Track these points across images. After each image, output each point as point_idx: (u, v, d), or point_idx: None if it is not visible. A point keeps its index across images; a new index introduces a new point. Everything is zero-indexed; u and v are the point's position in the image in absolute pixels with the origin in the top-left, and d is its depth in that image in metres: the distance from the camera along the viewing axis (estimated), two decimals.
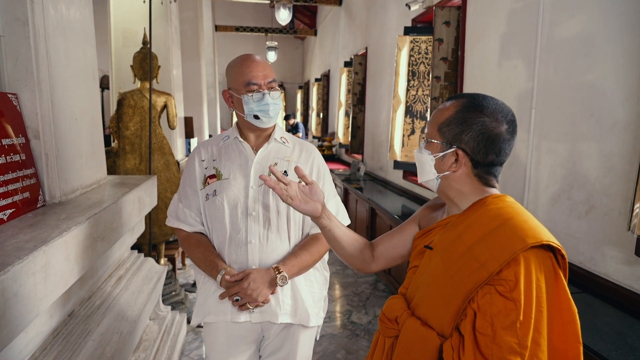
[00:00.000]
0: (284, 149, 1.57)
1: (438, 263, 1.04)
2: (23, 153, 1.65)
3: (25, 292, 1.13)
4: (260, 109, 1.46)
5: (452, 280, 0.99)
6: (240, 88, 1.47)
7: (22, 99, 1.69)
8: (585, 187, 2.14)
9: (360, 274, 4.40)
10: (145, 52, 3.19)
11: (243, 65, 1.48)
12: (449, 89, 3.55)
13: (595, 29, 2.09)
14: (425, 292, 1.06)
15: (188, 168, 1.60)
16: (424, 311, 1.06)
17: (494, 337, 0.90)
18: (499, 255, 0.93)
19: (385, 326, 1.13)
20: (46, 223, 1.48)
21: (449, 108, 1.05)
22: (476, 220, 1.02)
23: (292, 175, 1.51)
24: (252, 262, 1.49)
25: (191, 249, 1.56)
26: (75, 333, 1.66)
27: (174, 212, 1.62)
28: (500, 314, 0.91)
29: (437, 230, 1.12)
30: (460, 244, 1.01)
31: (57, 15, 1.84)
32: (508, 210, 1.01)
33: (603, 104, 2.04)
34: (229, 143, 1.58)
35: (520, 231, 0.95)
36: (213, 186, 1.52)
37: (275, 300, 1.51)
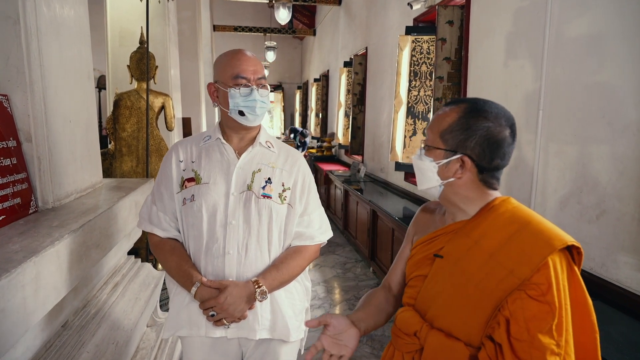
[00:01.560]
0: (268, 154, 1.49)
1: (456, 272, 1.03)
2: (14, 157, 1.58)
3: (14, 307, 1.06)
4: (246, 104, 1.38)
5: (478, 289, 0.98)
6: (228, 81, 1.39)
7: (13, 100, 1.61)
8: (596, 190, 2.08)
9: (361, 277, 4.33)
10: (142, 52, 3.11)
11: (233, 58, 1.41)
12: (452, 90, 3.49)
13: (606, 27, 2.02)
14: (446, 302, 1.04)
15: (164, 168, 1.50)
16: (446, 322, 1.03)
17: (532, 342, 0.90)
18: (528, 261, 0.93)
19: (403, 342, 1.09)
20: (37, 231, 1.41)
21: (449, 114, 1.04)
22: (491, 226, 1.02)
23: (275, 182, 1.44)
24: (229, 274, 1.40)
25: (164, 256, 1.46)
26: (68, 345, 1.59)
27: (146, 215, 1.51)
28: (535, 318, 0.91)
29: (444, 238, 1.10)
30: (479, 252, 1.00)
31: (50, 13, 1.77)
32: (521, 213, 1.02)
33: (614, 105, 1.98)
34: (210, 144, 1.48)
35: (543, 235, 0.95)
36: (191, 190, 1.43)
37: (253, 315, 1.41)
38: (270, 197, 1.41)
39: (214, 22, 10.08)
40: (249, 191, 1.41)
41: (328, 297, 3.85)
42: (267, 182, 1.43)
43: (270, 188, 1.43)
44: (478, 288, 0.98)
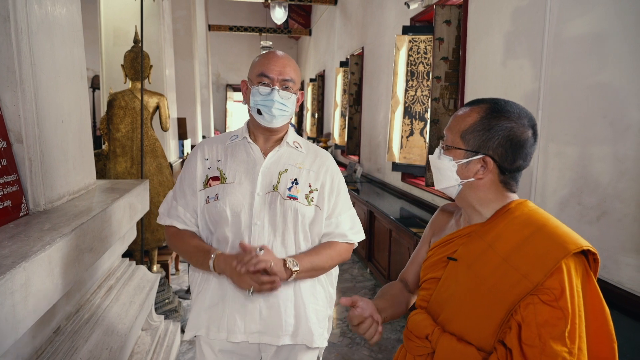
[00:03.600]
0: (295, 155, 1.46)
1: (469, 275, 1.02)
2: (4, 158, 1.54)
3: (2, 315, 1.02)
4: (264, 103, 1.37)
5: (491, 292, 0.96)
6: (254, 79, 1.40)
7: (3, 100, 1.57)
8: (596, 191, 2.06)
9: (358, 278, 4.30)
10: (136, 51, 3.07)
11: (264, 57, 1.42)
12: (449, 90, 3.46)
13: (607, 27, 2.01)
14: (458, 306, 1.03)
15: (189, 166, 1.49)
16: (458, 326, 1.02)
17: (543, 348, 0.88)
18: (542, 265, 0.91)
19: (414, 345, 1.09)
20: (28, 235, 1.37)
21: (470, 114, 1.03)
22: (506, 229, 1.00)
23: (302, 183, 1.41)
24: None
25: (183, 241, 1.44)
26: (61, 351, 1.55)
27: (165, 210, 1.50)
28: (548, 324, 0.89)
29: (459, 240, 1.09)
30: (493, 255, 0.99)
31: (42, 11, 1.73)
32: (537, 216, 1.00)
33: (616, 105, 1.96)
34: (237, 143, 1.47)
35: (558, 238, 0.94)
36: (215, 189, 1.41)
37: (277, 320, 1.40)
38: (297, 199, 1.39)
39: (209, 22, 10.03)
40: (275, 192, 1.38)
41: None
42: (294, 183, 1.41)
43: (297, 189, 1.40)
44: (491, 292, 0.97)
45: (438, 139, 3.54)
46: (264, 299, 1.39)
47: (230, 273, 1.31)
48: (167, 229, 1.50)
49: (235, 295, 1.40)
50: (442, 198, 3.64)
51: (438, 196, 3.73)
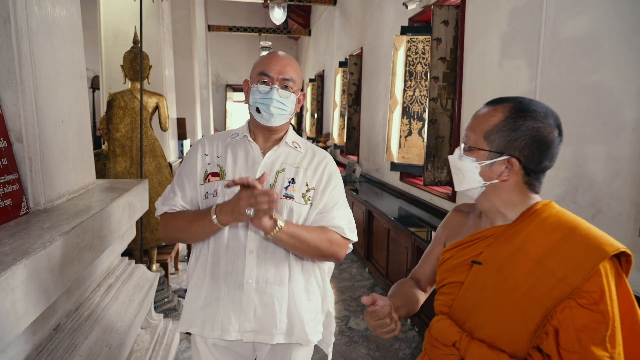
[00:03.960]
0: (294, 154, 1.46)
1: (498, 280, 0.99)
2: (5, 157, 1.56)
3: (3, 311, 1.04)
4: (263, 101, 1.37)
5: (526, 298, 0.94)
6: (254, 77, 1.41)
7: (3, 100, 1.59)
8: (591, 190, 2.08)
9: (357, 277, 4.32)
10: (136, 52, 3.09)
11: (265, 57, 1.43)
12: (447, 90, 3.48)
13: (601, 28, 2.03)
14: (488, 312, 1.00)
15: (189, 160, 1.49)
16: (489, 332, 0.99)
17: (584, 354, 0.87)
18: (580, 268, 0.90)
19: (440, 352, 1.05)
20: (28, 233, 1.39)
21: (494, 114, 1.00)
22: (536, 232, 0.98)
23: (299, 182, 1.41)
24: (248, 274, 1.38)
25: (178, 216, 1.42)
26: (61, 348, 1.57)
27: (162, 200, 1.49)
28: (587, 329, 0.87)
29: (482, 243, 1.05)
30: (524, 258, 0.96)
31: (42, 12, 1.74)
32: (567, 218, 0.98)
33: (610, 105, 1.98)
34: (237, 141, 1.48)
35: (594, 240, 0.92)
36: (214, 185, 1.42)
37: (270, 319, 1.40)
38: (293, 198, 1.39)
39: (209, 22, 10.05)
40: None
41: None
42: (291, 182, 1.41)
43: (293, 188, 1.41)
44: (526, 297, 0.94)
45: (436, 139, 3.56)
46: (259, 297, 1.39)
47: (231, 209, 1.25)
48: (162, 218, 1.47)
49: (229, 294, 1.39)
50: (441, 197, 3.66)
51: (436, 196, 3.75)
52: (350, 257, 4.97)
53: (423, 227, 3.37)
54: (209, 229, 1.34)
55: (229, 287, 1.39)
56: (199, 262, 1.46)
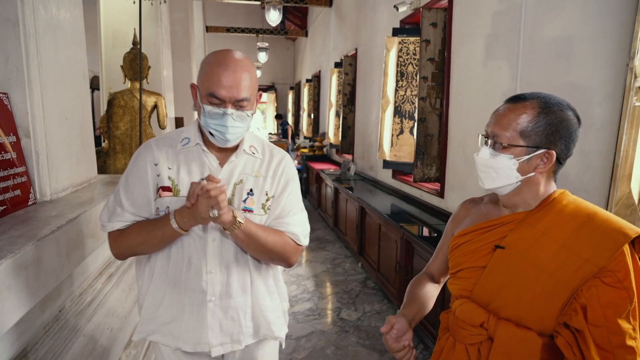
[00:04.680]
0: (252, 162, 1.35)
1: (524, 263, 1.04)
2: (14, 151, 1.68)
3: (18, 285, 1.16)
4: (216, 128, 1.23)
5: (553, 278, 1.00)
6: (203, 94, 1.22)
7: (12, 98, 1.71)
8: (565, 184, 2.20)
9: (350, 272, 4.44)
10: (135, 53, 3.21)
11: (215, 66, 1.21)
12: (436, 89, 3.61)
13: (575, 30, 2.15)
14: (515, 293, 1.05)
15: (137, 169, 1.30)
16: (515, 312, 1.05)
17: (610, 327, 0.94)
18: (605, 249, 0.96)
19: (467, 333, 1.11)
20: (37, 219, 1.51)
21: (524, 111, 1.05)
22: (558, 217, 1.04)
23: (257, 193, 1.32)
24: (212, 292, 1.31)
25: (132, 229, 1.28)
26: (66, 328, 1.68)
27: (107, 217, 1.31)
28: (613, 305, 0.94)
29: (503, 228, 1.11)
30: (549, 242, 1.03)
31: (47, 15, 1.86)
32: (585, 204, 1.06)
33: (582, 103, 2.10)
34: (190, 150, 1.32)
35: (615, 224, 0.99)
36: (166, 201, 1.27)
37: (237, 328, 1.36)
38: (252, 211, 1.31)
39: (207, 23, 10.16)
40: (229, 206, 1.25)
41: (317, 290, 3.96)
42: (249, 194, 1.32)
43: (252, 200, 1.32)
44: (553, 277, 1.00)
45: (425, 137, 3.68)
46: (223, 312, 1.33)
47: (191, 214, 1.19)
48: (111, 235, 1.32)
49: (193, 311, 1.32)
50: (430, 194, 3.78)
51: (426, 192, 3.87)
52: (344, 252, 5.10)
53: (413, 222, 3.49)
54: (170, 238, 1.25)
55: (192, 303, 1.32)
56: (155, 273, 1.34)
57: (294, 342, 3.00)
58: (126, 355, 2.22)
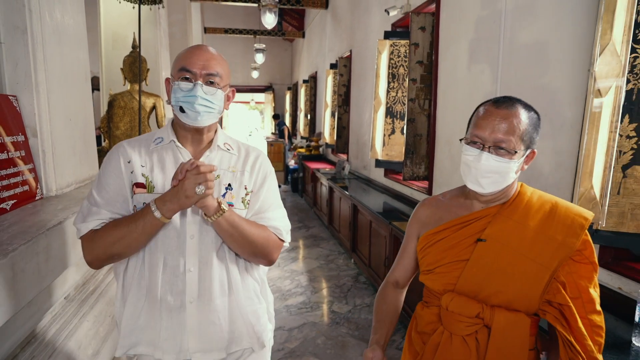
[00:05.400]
0: (227, 157, 1.34)
1: (507, 252, 1.14)
2: (23, 150, 1.81)
3: (31, 269, 1.29)
4: (186, 99, 1.22)
5: (536, 262, 1.11)
6: (175, 74, 1.26)
7: (21, 100, 1.84)
8: (539, 180, 2.34)
9: (343, 268, 4.58)
10: (134, 56, 3.34)
11: (186, 51, 1.28)
12: (424, 91, 3.75)
13: (548, 36, 2.29)
14: (504, 280, 1.14)
15: (110, 169, 1.27)
16: (505, 298, 1.15)
17: (584, 297, 1.09)
18: (574, 232, 1.11)
19: (464, 325, 1.18)
20: (45, 212, 1.64)
21: (517, 115, 1.12)
22: (529, 207, 1.17)
23: (236, 187, 1.31)
24: (190, 293, 1.26)
25: (110, 228, 1.21)
26: (71, 314, 1.82)
27: (82, 218, 1.25)
28: (584, 278, 1.10)
29: (478, 223, 1.20)
30: (527, 230, 1.14)
31: (53, 22, 2.00)
32: (543, 194, 1.20)
33: (554, 105, 2.24)
34: (163, 147, 1.31)
35: (576, 209, 1.15)
36: (140, 198, 1.25)
37: (218, 333, 1.31)
38: (232, 205, 1.28)
39: (205, 24, 10.28)
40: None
41: (310, 285, 4.10)
42: (228, 188, 1.30)
43: (232, 195, 1.30)
44: (536, 262, 1.11)
45: (414, 137, 3.82)
46: (202, 315, 1.28)
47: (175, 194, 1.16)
48: (85, 238, 1.24)
49: (171, 316, 1.27)
50: (419, 192, 3.92)
51: (416, 190, 4.01)
52: (338, 249, 5.23)
53: (403, 219, 3.63)
54: (151, 229, 1.19)
55: (170, 308, 1.27)
56: (134, 280, 1.29)
57: (286, 332, 3.13)
58: None
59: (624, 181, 1.79)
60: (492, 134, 1.12)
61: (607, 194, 1.76)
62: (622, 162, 1.79)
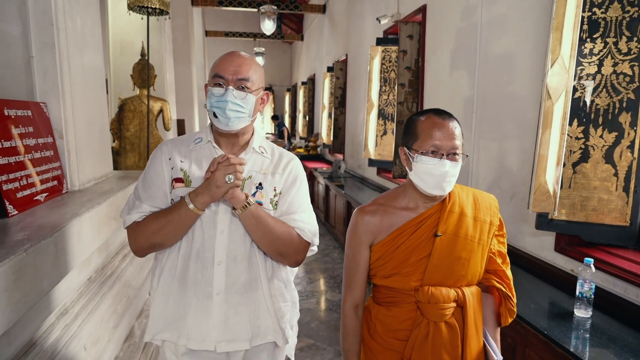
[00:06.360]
0: (260, 160, 1.40)
1: (461, 240, 1.33)
2: (52, 150, 2.08)
3: (68, 248, 1.56)
4: (218, 105, 1.29)
5: (480, 243, 1.35)
6: (210, 80, 1.34)
7: (49, 106, 2.11)
8: (509, 177, 2.61)
9: (337, 261, 4.85)
10: (143, 63, 3.61)
11: (220, 58, 1.36)
12: (412, 95, 4.02)
13: (515, 48, 2.56)
14: (464, 265, 1.33)
15: (154, 166, 1.38)
16: (466, 279, 1.35)
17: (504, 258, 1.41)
18: (494, 212, 1.39)
19: (444, 312, 1.32)
20: (73, 203, 1.92)
21: (457, 126, 1.30)
22: (460, 198, 1.37)
23: (267, 188, 1.37)
24: (218, 284, 1.34)
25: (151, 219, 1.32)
26: (94, 293, 2.09)
27: (127, 211, 1.38)
28: (502, 244, 1.42)
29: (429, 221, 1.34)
30: (467, 219, 1.35)
31: (75, 36, 2.27)
32: (459, 186, 1.41)
33: (520, 109, 2.51)
34: (202, 147, 1.40)
35: (487, 195, 1.43)
36: (179, 192, 1.34)
37: (243, 325, 1.37)
38: (261, 204, 1.35)
39: (206, 28, 10.55)
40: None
41: (306, 276, 4.38)
42: (258, 188, 1.36)
43: (262, 194, 1.36)
44: (480, 243, 1.34)
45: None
46: (228, 306, 1.35)
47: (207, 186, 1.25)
48: (130, 229, 1.36)
49: (199, 304, 1.34)
50: None
51: None
52: (333, 243, 5.51)
53: None
54: (186, 220, 1.28)
55: (198, 297, 1.34)
56: (165, 268, 1.38)
57: None
58: (138, 323, 2.62)
59: (574, 177, 2.07)
60: (448, 142, 1.25)
61: (559, 188, 2.03)
62: (572, 160, 2.06)
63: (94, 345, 1.93)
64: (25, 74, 2.05)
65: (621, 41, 1.93)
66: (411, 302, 1.35)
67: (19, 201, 1.71)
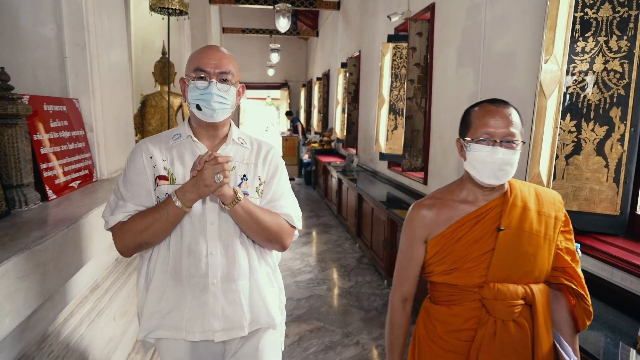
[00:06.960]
0: (241, 151, 1.44)
1: (525, 234, 1.26)
2: (83, 142, 2.29)
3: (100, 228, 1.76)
4: (202, 97, 1.32)
5: (547, 240, 1.28)
6: (190, 74, 1.35)
7: (81, 102, 2.32)
8: None
9: (348, 251, 5.02)
10: (164, 61, 3.82)
11: (199, 52, 1.38)
12: (421, 90, 4.14)
13: (516, 46, 2.68)
14: (531, 260, 1.27)
15: (134, 165, 1.38)
16: (533, 275, 1.28)
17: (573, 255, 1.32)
18: (558, 207, 1.32)
19: (513, 309, 1.26)
20: (103, 190, 2.12)
21: (513, 113, 1.26)
22: (523, 192, 1.31)
23: (251, 177, 1.41)
24: (213, 275, 1.36)
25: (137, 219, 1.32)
26: (121, 271, 2.30)
27: (110, 212, 1.37)
28: (570, 241, 1.34)
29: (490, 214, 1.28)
30: (531, 213, 1.28)
31: (104, 36, 2.47)
32: (519, 181, 1.36)
33: (521, 103, 2.63)
34: (182, 142, 1.41)
35: (549, 190, 1.37)
36: (163, 189, 1.34)
37: (239, 313, 1.40)
38: (248, 194, 1.38)
39: (223, 25, 10.77)
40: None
41: (318, 265, 4.56)
42: (243, 179, 1.40)
43: (247, 185, 1.40)
44: (546, 238, 1.27)
45: (412, 132, 4.22)
46: (225, 296, 1.38)
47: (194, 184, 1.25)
48: (114, 230, 1.36)
49: (195, 297, 1.36)
50: (417, 182, 4.32)
51: (414, 180, 4.41)
52: (345, 235, 5.67)
53: (402, 207, 4.04)
54: (174, 218, 1.29)
55: (194, 290, 1.36)
56: (157, 266, 1.38)
57: (295, 302, 3.59)
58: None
59: (566, 168, 2.19)
60: (502, 129, 1.21)
61: (552, 178, 2.16)
62: (565, 152, 2.18)
63: (122, 317, 2.13)
64: (60, 73, 2.25)
65: (612, 40, 2.04)
66: (475, 299, 1.29)
67: (57, 187, 1.92)
